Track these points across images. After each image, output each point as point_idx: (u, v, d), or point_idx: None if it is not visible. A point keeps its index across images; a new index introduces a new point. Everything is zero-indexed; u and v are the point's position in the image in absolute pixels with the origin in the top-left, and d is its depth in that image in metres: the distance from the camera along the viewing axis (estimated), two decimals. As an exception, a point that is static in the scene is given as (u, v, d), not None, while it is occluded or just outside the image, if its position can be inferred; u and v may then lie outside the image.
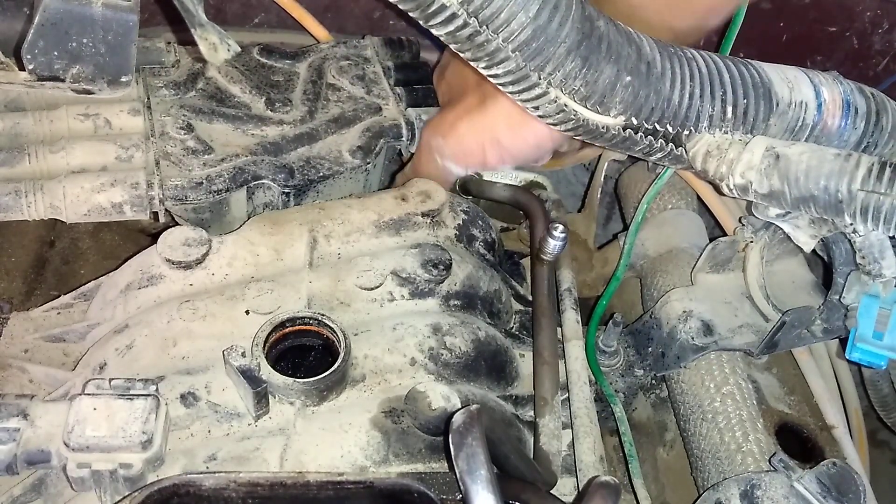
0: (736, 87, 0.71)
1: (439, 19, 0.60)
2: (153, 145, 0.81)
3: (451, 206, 0.84)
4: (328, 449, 0.64)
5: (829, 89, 0.74)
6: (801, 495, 0.68)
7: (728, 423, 0.78)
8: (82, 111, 0.80)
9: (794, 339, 0.82)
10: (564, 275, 0.86)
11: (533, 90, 0.65)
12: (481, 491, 0.52)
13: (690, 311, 0.83)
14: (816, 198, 0.68)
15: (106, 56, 0.78)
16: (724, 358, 0.82)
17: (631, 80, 0.66)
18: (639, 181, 0.99)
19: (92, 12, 0.75)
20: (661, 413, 0.91)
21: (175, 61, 0.88)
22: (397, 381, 0.70)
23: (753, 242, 0.84)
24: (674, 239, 0.93)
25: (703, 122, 0.71)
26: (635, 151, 0.74)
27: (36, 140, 0.78)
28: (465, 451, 0.53)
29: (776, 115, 0.73)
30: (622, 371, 0.88)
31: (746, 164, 0.71)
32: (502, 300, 0.82)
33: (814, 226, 0.74)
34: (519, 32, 0.60)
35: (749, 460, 0.75)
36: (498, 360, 0.76)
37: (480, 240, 0.85)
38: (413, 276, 0.75)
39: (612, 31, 0.65)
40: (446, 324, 0.74)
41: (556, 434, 0.73)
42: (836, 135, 0.75)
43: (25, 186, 0.74)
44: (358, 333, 0.72)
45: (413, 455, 0.66)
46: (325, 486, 0.58)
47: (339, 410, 0.67)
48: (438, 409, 0.66)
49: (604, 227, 1.13)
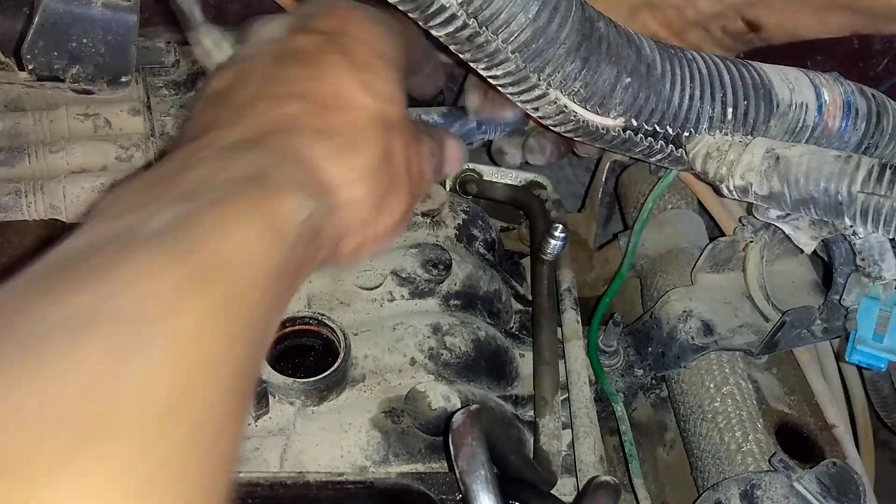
0: (736, 88, 0.71)
1: (439, 20, 0.60)
2: (153, 145, 0.81)
3: (452, 205, 0.84)
4: (328, 449, 0.64)
5: (830, 90, 0.74)
6: (801, 495, 0.68)
7: (728, 423, 0.78)
8: (82, 111, 0.80)
9: (795, 339, 0.82)
10: (564, 275, 0.86)
11: (533, 91, 0.65)
12: (481, 491, 0.52)
13: (690, 310, 0.83)
14: (816, 199, 0.68)
15: (106, 56, 0.78)
16: (724, 358, 0.82)
17: (631, 82, 0.66)
18: (639, 181, 0.99)
19: (92, 12, 0.75)
20: (661, 413, 0.91)
21: (175, 61, 0.88)
22: (397, 381, 0.70)
23: (753, 242, 0.84)
24: (674, 239, 0.93)
25: (704, 123, 0.71)
26: (635, 153, 0.74)
27: (36, 140, 0.78)
28: (465, 451, 0.53)
29: (776, 117, 0.72)
30: (622, 371, 0.88)
31: (746, 165, 0.71)
32: (502, 300, 0.82)
33: (814, 227, 0.74)
34: (519, 33, 0.60)
35: (749, 460, 0.75)
36: (498, 360, 0.76)
37: (480, 240, 0.85)
38: (413, 275, 0.76)
39: (612, 33, 0.65)
40: (446, 324, 0.74)
41: (556, 434, 0.73)
42: (836, 136, 0.75)
43: (25, 186, 0.74)
44: (358, 333, 0.72)
45: (413, 455, 0.66)
46: (324, 486, 0.58)
47: (338, 410, 0.67)
48: (438, 409, 0.67)
49: (604, 227, 1.13)
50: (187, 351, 0.35)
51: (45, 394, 0.31)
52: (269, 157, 0.47)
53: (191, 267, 0.37)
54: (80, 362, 0.32)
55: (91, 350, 0.33)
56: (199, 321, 0.36)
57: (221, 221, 0.40)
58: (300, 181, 0.47)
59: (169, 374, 0.34)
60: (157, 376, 0.34)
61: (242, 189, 0.43)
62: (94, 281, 0.36)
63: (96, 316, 0.34)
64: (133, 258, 0.37)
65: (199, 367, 0.36)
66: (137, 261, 0.37)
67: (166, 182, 0.44)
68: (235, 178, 0.44)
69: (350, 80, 0.54)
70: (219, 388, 0.37)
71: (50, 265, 0.38)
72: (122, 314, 0.35)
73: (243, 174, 0.44)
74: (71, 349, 0.33)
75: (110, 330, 0.34)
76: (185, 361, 0.35)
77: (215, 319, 0.37)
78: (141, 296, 0.35)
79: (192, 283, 0.37)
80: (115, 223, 0.40)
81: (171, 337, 0.35)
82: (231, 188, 0.43)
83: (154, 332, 0.35)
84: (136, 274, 0.36)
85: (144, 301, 0.35)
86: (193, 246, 0.38)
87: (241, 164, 0.45)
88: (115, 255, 0.37)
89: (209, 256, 0.38)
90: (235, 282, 0.39)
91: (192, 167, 0.45)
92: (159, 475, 0.33)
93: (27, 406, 0.31)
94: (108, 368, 0.33)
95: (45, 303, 0.35)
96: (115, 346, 0.33)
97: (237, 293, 0.39)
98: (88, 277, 0.36)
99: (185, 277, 0.37)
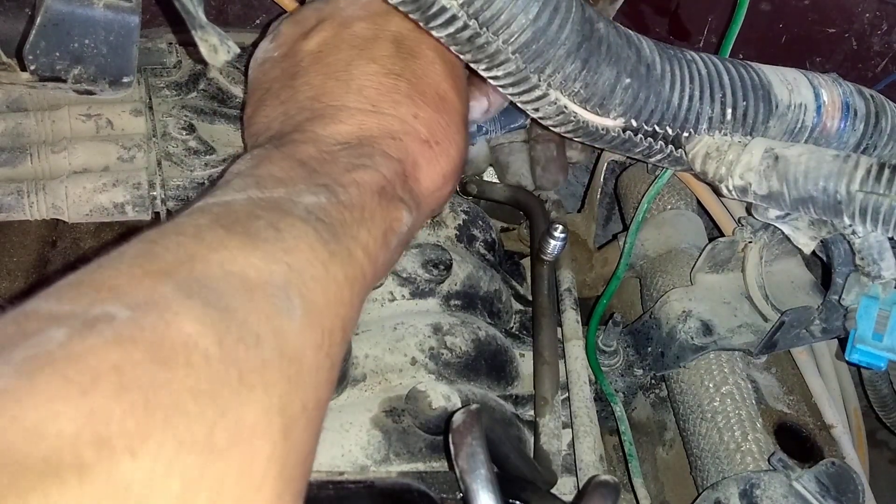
0: (735, 89, 0.71)
1: (440, 21, 0.60)
2: (155, 146, 0.81)
3: (452, 206, 0.84)
4: (329, 448, 0.65)
5: (829, 91, 0.75)
6: (800, 494, 0.68)
7: (727, 423, 0.78)
8: (84, 111, 0.81)
9: (793, 339, 0.82)
10: (564, 275, 0.87)
11: (533, 92, 0.65)
12: (481, 490, 0.53)
13: (690, 310, 0.83)
14: (815, 199, 0.68)
15: (108, 57, 0.78)
16: (724, 358, 0.82)
17: (631, 83, 0.66)
18: (638, 181, 0.99)
19: (94, 13, 0.75)
20: (660, 413, 0.91)
21: (177, 62, 0.88)
22: (398, 381, 0.70)
23: (752, 242, 0.84)
24: (673, 239, 0.93)
25: (703, 123, 0.71)
26: (635, 153, 0.74)
27: (38, 140, 0.79)
28: (466, 451, 0.53)
29: (775, 117, 0.73)
30: (622, 371, 0.88)
31: (745, 165, 0.71)
32: (502, 300, 0.82)
33: (813, 227, 0.75)
34: (519, 35, 0.60)
35: (748, 459, 0.76)
36: (498, 360, 0.76)
37: (481, 240, 0.85)
38: (413, 275, 0.76)
39: (612, 34, 0.66)
40: (447, 323, 0.74)
41: (557, 433, 0.73)
42: (835, 136, 0.75)
43: (27, 186, 0.75)
44: (358, 333, 0.72)
45: (413, 454, 0.66)
46: (325, 485, 0.58)
47: (339, 410, 0.67)
48: (439, 409, 0.67)
49: (604, 227, 1.14)
50: (325, 315, 0.44)
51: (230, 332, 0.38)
52: (386, 169, 0.56)
53: (333, 249, 0.46)
54: (248, 315, 0.39)
55: (255, 306, 0.40)
56: (339, 292, 0.45)
57: (354, 221, 0.50)
58: (408, 196, 0.58)
59: (308, 334, 0.42)
60: (303, 335, 0.41)
61: (370, 199, 0.53)
62: (261, 243, 0.43)
63: (259, 277, 0.41)
64: (291, 231, 0.45)
65: (333, 329, 0.44)
66: (296, 234, 0.45)
67: (301, 166, 0.53)
68: (363, 182, 0.53)
69: (447, 81, 0.65)
70: (342, 348, 0.46)
71: (217, 219, 0.45)
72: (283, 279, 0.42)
73: (368, 181, 0.54)
74: (241, 302, 0.39)
75: (269, 292, 0.41)
76: (324, 323, 0.43)
77: (346, 293, 0.47)
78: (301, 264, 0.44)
79: (336, 262, 0.46)
80: (268, 193, 0.48)
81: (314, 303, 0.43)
82: (360, 195, 0.52)
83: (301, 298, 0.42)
84: (295, 243, 0.44)
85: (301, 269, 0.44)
86: (336, 234, 0.48)
87: (365, 174, 0.54)
88: (277, 222, 0.45)
89: (347, 244, 0.48)
90: (360, 268, 0.49)
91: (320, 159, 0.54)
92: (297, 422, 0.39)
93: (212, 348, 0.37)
94: (264, 325, 0.39)
95: (221, 259, 0.41)
96: (270, 306, 0.40)
97: (360, 276, 0.49)
98: (256, 240, 0.43)
99: (330, 256, 0.46)
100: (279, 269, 0.42)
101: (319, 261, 0.45)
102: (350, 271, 0.47)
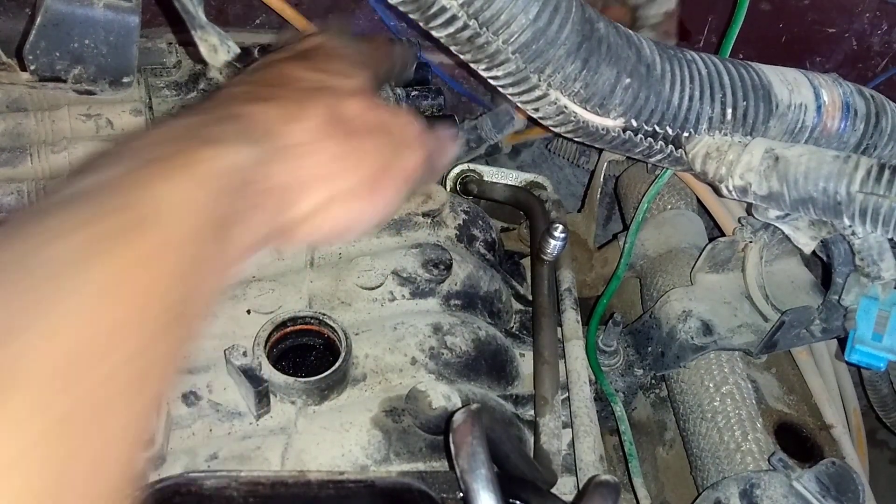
0: (735, 89, 0.71)
1: (440, 21, 0.60)
2: (155, 145, 0.81)
3: (452, 206, 0.84)
4: (329, 448, 0.65)
5: (829, 91, 0.75)
6: (800, 494, 0.68)
7: (727, 423, 0.78)
8: (84, 111, 0.81)
9: (793, 339, 0.82)
10: (564, 275, 0.87)
11: (533, 92, 0.65)
12: (482, 490, 0.53)
13: (690, 310, 0.83)
14: (815, 199, 0.68)
15: (108, 57, 0.78)
16: (724, 357, 0.83)
17: (631, 83, 0.66)
18: (638, 181, 0.99)
19: (94, 13, 0.75)
20: (660, 412, 0.91)
21: (176, 62, 0.88)
22: (398, 381, 0.70)
23: (753, 242, 0.84)
24: (673, 239, 0.93)
25: (703, 123, 0.71)
26: (635, 153, 0.74)
27: (38, 140, 0.79)
28: (466, 450, 0.53)
29: (776, 117, 0.73)
30: (622, 371, 0.88)
31: (746, 165, 0.71)
32: (502, 300, 0.82)
33: (813, 228, 0.75)
34: (519, 34, 0.61)
35: (748, 459, 0.76)
36: (498, 360, 0.76)
37: (481, 240, 0.85)
38: (414, 275, 0.76)
39: (612, 34, 0.66)
40: (447, 323, 0.74)
41: (557, 433, 0.73)
42: (835, 137, 0.75)
43: (28, 186, 0.75)
44: (359, 333, 0.72)
45: (414, 454, 0.66)
46: (325, 484, 0.58)
47: (340, 409, 0.67)
48: (439, 409, 0.67)
49: (604, 227, 1.14)
50: (94, 310, 0.36)
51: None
52: (208, 117, 0.48)
53: (109, 224, 0.38)
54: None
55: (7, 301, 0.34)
56: (109, 278, 0.36)
57: (147, 178, 0.41)
58: (233, 132, 0.47)
59: (72, 332, 0.34)
60: (60, 335, 0.34)
61: (174, 146, 0.44)
62: (24, 237, 0.37)
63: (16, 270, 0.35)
64: (58, 216, 0.38)
65: (109, 324, 0.36)
66: (62, 218, 0.38)
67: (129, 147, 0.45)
68: (174, 137, 0.45)
69: (295, 65, 0.57)
70: (134, 344, 0.37)
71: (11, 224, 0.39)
72: (39, 271, 0.35)
73: (182, 134, 0.46)
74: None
75: (28, 284, 0.35)
76: (93, 319, 0.35)
77: (128, 277, 0.37)
78: (58, 252, 0.36)
79: (107, 240, 0.37)
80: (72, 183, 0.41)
81: (75, 297, 0.35)
82: (165, 147, 0.44)
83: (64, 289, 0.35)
84: (56, 230, 0.37)
85: (60, 258, 0.36)
86: (120, 203, 0.39)
87: (183, 126, 0.47)
88: (47, 212, 0.38)
89: (130, 212, 0.39)
90: (154, 235, 0.39)
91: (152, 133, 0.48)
92: (54, 431, 0.33)
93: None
94: (18, 322, 0.33)
95: None
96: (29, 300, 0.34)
97: (155, 247, 0.39)
98: (21, 233, 0.37)
99: (102, 234, 0.37)
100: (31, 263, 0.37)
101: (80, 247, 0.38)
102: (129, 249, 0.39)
